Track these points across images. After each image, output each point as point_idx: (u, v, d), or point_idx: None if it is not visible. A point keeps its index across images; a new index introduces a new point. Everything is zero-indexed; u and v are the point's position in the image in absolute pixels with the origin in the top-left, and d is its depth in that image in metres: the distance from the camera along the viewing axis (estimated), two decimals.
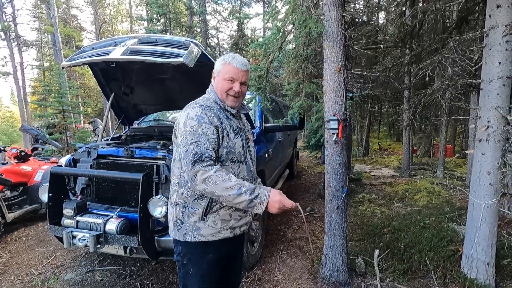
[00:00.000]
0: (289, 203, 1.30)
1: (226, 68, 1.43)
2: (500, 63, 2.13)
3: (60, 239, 2.33)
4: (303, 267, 2.85)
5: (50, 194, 2.27)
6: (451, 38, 2.73)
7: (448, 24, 3.18)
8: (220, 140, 1.36)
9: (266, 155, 3.41)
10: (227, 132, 1.39)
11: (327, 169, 2.55)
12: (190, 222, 1.38)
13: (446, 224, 3.59)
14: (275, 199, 1.28)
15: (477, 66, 2.39)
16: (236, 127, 1.46)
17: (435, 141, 10.02)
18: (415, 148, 9.99)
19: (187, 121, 1.31)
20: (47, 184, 2.30)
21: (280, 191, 1.33)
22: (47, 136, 7.09)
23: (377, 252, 2.83)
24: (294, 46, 3.11)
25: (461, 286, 2.43)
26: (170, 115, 4.03)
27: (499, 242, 2.65)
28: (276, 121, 3.61)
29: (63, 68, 2.52)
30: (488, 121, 2.21)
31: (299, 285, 2.58)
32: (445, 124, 6.27)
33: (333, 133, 2.38)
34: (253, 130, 3.34)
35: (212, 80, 1.51)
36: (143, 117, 3.92)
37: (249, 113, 3.28)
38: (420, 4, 3.41)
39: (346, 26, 2.41)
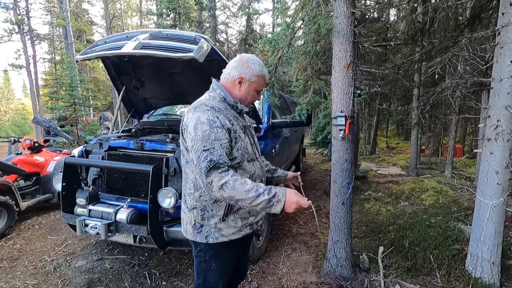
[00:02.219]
0: (305, 203, 1.26)
1: (260, 81, 1.44)
2: (511, 61, 2.11)
3: (73, 227, 2.41)
4: (307, 262, 2.88)
5: (64, 183, 2.35)
6: (462, 36, 2.70)
7: (460, 22, 3.13)
8: (233, 142, 1.32)
9: (273, 150, 3.44)
10: (239, 133, 1.36)
11: (333, 165, 2.56)
12: (211, 225, 1.38)
13: (452, 223, 3.57)
14: (292, 199, 1.25)
15: (488, 65, 2.37)
16: (243, 126, 1.44)
17: (444, 141, 9.90)
18: (423, 147, 9.88)
19: (197, 125, 1.25)
20: (61, 173, 2.38)
21: (296, 191, 1.29)
22: (59, 128, 7.25)
23: (381, 248, 2.85)
24: (303, 43, 3.11)
25: (465, 285, 2.44)
26: (179, 109, 4.09)
27: (505, 242, 2.65)
28: (284, 117, 3.63)
29: (76, 61, 2.59)
30: (498, 120, 2.19)
31: (303, 278, 2.62)
32: (454, 123, 6.19)
33: (340, 130, 2.39)
34: (260, 125, 3.38)
35: (235, 82, 1.42)
36: (153, 111, 3.98)
37: (257, 108, 3.32)
38: (432, 1, 3.36)
39: (356, 23, 2.41)
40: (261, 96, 3.39)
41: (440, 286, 2.46)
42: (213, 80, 1.47)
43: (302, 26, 2.88)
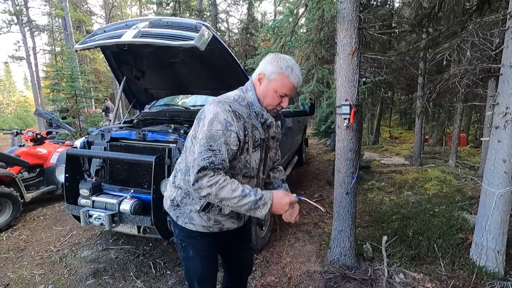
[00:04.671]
0: (295, 200, 1.26)
1: (282, 81, 1.25)
2: None
3: (77, 218, 2.42)
4: (311, 251, 2.89)
5: (66, 175, 2.35)
6: (471, 21, 2.61)
7: (469, 6, 3.03)
8: (239, 153, 1.25)
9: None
10: (247, 146, 1.27)
11: (337, 154, 2.54)
12: (185, 209, 1.37)
13: (456, 212, 3.56)
14: (283, 201, 1.21)
15: (497, 50, 2.30)
16: (259, 139, 1.33)
17: (448, 130, 9.80)
18: (427, 136, 9.80)
19: (213, 121, 1.18)
20: (64, 165, 2.37)
21: (284, 192, 1.28)
22: (61, 120, 7.24)
23: (385, 238, 2.84)
24: (306, 30, 3.04)
25: (469, 273, 2.44)
26: (180, 99, 4.04)
27: (510, 231, 2.63)
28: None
29: (76, 51, 2.54)
30: (507, 108, 2.14)
31: (306, 267, 2.63)
32: (459, 112, 6.10)
33: (345, 119, 2.35)
34: None
35: (256, 80, 1.30)
36: (154, 102, 3.94)
37: None
38: None
39: (361, 8, 2.34)
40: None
41: (444, 274, 2.46)
42: (250, 78, 1.34)
43: (305, 12, 2.80)
